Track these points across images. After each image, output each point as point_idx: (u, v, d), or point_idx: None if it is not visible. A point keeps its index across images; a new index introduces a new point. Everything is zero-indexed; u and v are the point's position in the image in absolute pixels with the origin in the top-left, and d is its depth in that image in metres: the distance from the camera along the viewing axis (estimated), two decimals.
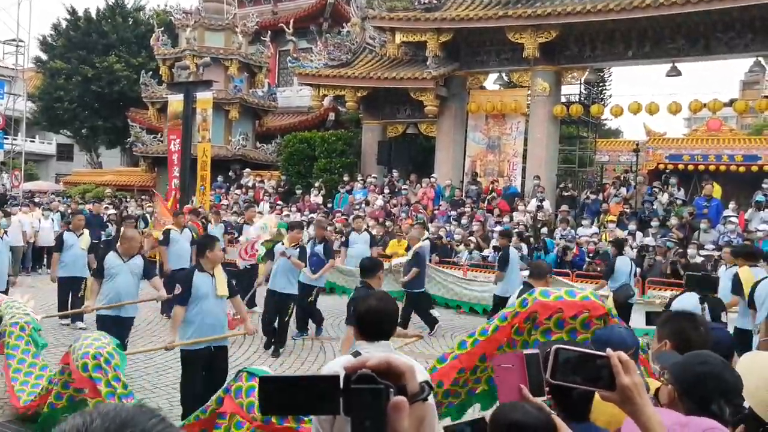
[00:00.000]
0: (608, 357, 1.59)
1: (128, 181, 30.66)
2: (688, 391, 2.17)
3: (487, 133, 20.83)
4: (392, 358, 1.03)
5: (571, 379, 1.62)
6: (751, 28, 16.88)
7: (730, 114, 27.14)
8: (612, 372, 1.58)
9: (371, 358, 1.02)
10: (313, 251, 10.76)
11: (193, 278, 6.45)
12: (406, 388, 1.01)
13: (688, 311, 3.46)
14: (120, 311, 7.92)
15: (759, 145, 24.08)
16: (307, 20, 30.40)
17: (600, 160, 26.08)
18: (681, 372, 2.24)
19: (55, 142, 49.94)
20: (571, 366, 1.60)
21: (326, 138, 23.31)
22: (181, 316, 6.46)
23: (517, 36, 18.62)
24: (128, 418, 0.94)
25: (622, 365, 1.58)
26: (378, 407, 0.97)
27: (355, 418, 0.98)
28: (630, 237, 14.62)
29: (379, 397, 0.98)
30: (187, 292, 6.40)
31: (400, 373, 1.01)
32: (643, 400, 1.60)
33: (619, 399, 1.60)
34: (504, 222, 16.62)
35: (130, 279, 7.92)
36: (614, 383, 1.58)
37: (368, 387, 0.98)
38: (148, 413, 0.97)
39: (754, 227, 14.52)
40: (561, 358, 1.60)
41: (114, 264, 7.88)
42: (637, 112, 18.33)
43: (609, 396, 1.61)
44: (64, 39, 36.70)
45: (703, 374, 2.19)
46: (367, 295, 5.49)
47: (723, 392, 2.15)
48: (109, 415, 0.94)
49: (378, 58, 22.24)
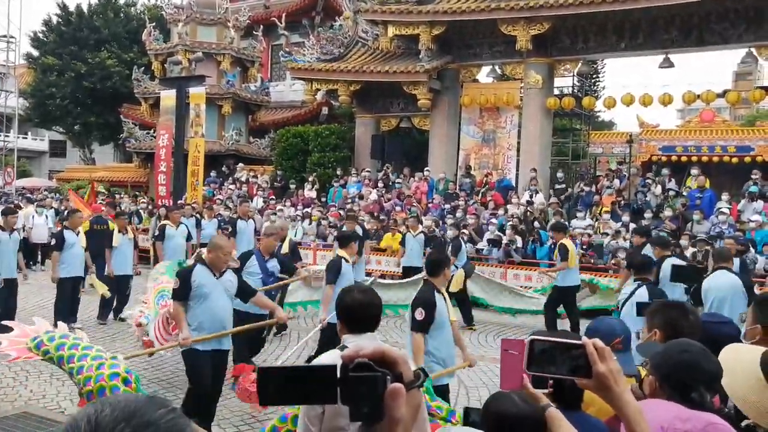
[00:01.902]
0: (584, 345, 1.59)
1: (121, 177, 30.57)
2: (669, 380, 2.18)
3: (481, 126, 20.83)
4: (386, 347, 1.05)
5: (547, 369, 1.61)
6: (744, 18, 16.89)
7: (723, 105, 27.20)
8: (588, 360, 1.58)
9: (366, 347, 1.04)
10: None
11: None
12: (402, 376, 1.02)
13: (678, 301, 3.47)
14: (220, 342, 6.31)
15: (752, 136, 24.14)
16: (299, 14, 30.32)
17: (593, 152, 26.13)
18: (661, 361, 2.25)
19: (47, 139, 49.78)
20: (547, 356, 1.59)
21: (319, 132, 23.27)
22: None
23: (510, 28, 18.59)
24: (137, 409, 0.95)
25: (597, 353, 1.57)
26: (376, 394, 0.99)
27: (353, 405, 0.99)
28: (623, 228, 14.66)
29: (376, 385, 0.99)
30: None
31: (395, 362, 1.03)
32: (620, 387, 1.60)
33: (595, 386, 1.60)
34: (498, 215, 16.64)
35: (224, 300, 6.23)
36: (591, 371, 1.58)
37: (366, 375, 0.99)
38: (158, 404, 0.98)
39: (746, 218, 14.57)
40: (536, 349, 1.59)
41: (205, 281, 6.11)
42: (630, 103, 18.36)
43: (586, 384, 1.61)
44: (56, 35, 36.52)
45: (683, 362, 2.20)
46: (429, 293, 5.40)
47: (703, 379, 2.16)
48: (119, 405, 0.95)
49: (371, 52, 22.19)
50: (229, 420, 6.62)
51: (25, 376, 7.92)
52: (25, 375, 7.97)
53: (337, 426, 2.76)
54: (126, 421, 0.93)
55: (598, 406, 2.70)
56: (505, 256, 14.77)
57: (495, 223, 16.15)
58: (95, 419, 0.93)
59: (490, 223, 16.19)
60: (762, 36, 16.82)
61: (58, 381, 7.77)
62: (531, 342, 1.60)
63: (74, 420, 0.95)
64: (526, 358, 1.59)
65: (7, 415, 6.62)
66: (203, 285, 6.00)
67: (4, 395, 7.23)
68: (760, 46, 17.01)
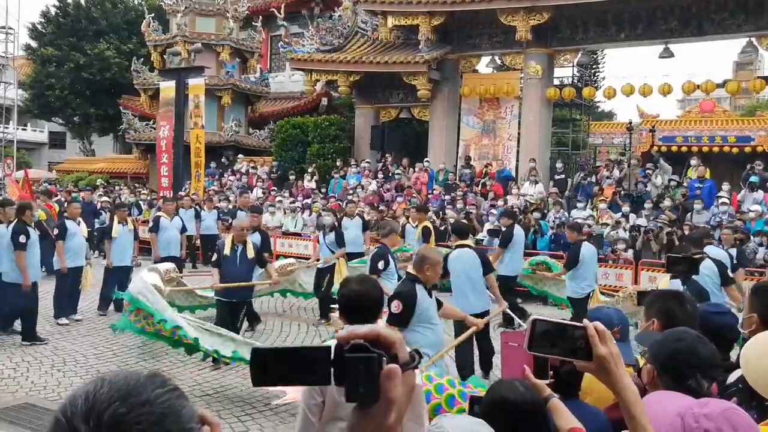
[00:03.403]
0: (585, 327, 1.60)
1: (121, 169, 30.58)
2: (666, 368, 2.20)
3: (481, 117, 20.81)
4: (381, 328, 1.04)
5: (548, 350, 1.63)
6: (744, 8, 16.85)
7: (723, 95, 27.19)
8: (589, 342, 1.59)
9: (361, 327, 1.03)
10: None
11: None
12: (397, 357, 1.02)
13: (675, 290, 3.49)
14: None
15: (752, 126, 24.14)
16: (298, 5, 30.20)
17: (593, 142, 26.13)
18: (658, 350, 2.28)
19: (47, 130, 49.71)
20: (548, 337, 1.61)
21: (319, 123, 23.24)
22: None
23: (510, 18, 18.54)
24: (134, 387, 0.97)
25: (598, 335, 1.59)
26: (372, 375, 0.98)
27: (349, 386, 0.99)
28: (623, 219, 14.66)
29: (372, 365, 0.98)
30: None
31: (390, 343, 1.02)
32: (620, 370, 1.62)
33: (596, 369, 1.61)
34: (498, 205, 16.63)
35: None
36: (591, 354, 1.59)
37: (362, 356, 0.98)
38: (156, 383, 0.99)
39: (746, 208, 14.57)
40: (538, 330, 1.60)
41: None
42: (630, 94, 18.35)
43: (586, 366, 1.62)
44: (54, 26, 36.46)
45: (679, 350, 2.22)
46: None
47: (698, 366, 2.18)
48: (117, 384, 0.97)
49: (370, 43, 22.14)
50: (230, 410, 6.65)
51: (26, 368, 7.94)
52: (27, 366, 7.99)
53: (337, 416, 2.77)
54: (122, 399, 0.95)
55: (596, 395, 2.73)
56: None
57: (495, 213, 16.14)
58: (92, 397, 0.95)
59: (489, 214, 16.18)
60: (762, 26, 16.79)
61: (59, 372, 7.80)
62: (533, 322, 1.62)
63: (73, 397, 0.97)
64: (528, 339, 1.61)
65: (8, 405, 6.64)
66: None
67: (6, 386, 7.25)
68: (761, 36, 16.98)
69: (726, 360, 3.27)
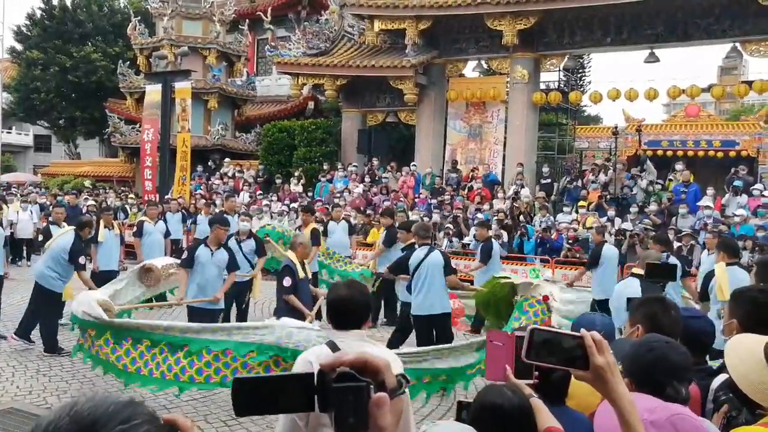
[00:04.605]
0: (582, 337, 1.62)
1: (107, 172, 30.43)
2: (641, 381, 2.22)
3: (468, 121, 20.87)
4: (368, 354, 1.03)
5: (546, 359, 1.64)
6: (728, 13, 17.02)
7: (708, 100, 27.40)
8: (586, 352, 1.61)
9: (347, 354, 1.02)
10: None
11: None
12: (384, 383, 1.01)
13: (660, 296, 3.50)
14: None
15: (737, 131, 24.35)
16: (284, 8, 30.16)
17: (579, 146, 26.25)
18: (631, 363, 2.29)
19: (32, 133, 49.36)
20: (547, 346, 1.62)
21: (306, 127, 23.23)
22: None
23: (496, 23, 18.63)
24: (99, 418, 0.93)
25: (595, 345, 1.61)
26: (361, 404, 0.98)
27: (338, 416, 0.98)
28: (609, 223, 14.74)
29: (361, 395, 0.98)
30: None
31: (377, 369, 1.01)
32: (616, 378, 1.63)
33: (592, 378, 1.63)
34: (484, 210, 16.68)
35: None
36: (588, 363, 1.61)
37: (350, 385, 0.98)
38: (125, 415, 0.95)
39: (731, 212, 14.68)
40: (537, 339, 1.62)
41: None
42: (616, 98, 18.48)
43: (583, 375, 1.64)
44: (39, 29, 36.20)
45: (651, 361, 2.24)
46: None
47: (672, 373, 2.20)
48: (82, 414, 0.93)
49: (357, 46, 22.16)
50: (216, 415, 6.62)
51: (12, 372, 7.87)
52: (12, 371, 7.93)
53: (323, 422, 2.76)
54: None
55: (577, 400, 2.74)
56: None
57: (481, 217, 16.18)
58: (52, 428, 0.92)
59: (475, 218, 16.22)
60: (747, 31, 16.96)
61: (44, 377, 7.74)
62: (531, 332, 1.63)
63: (38, 425, 0.94)
64: (526, 347, 1.62)
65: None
66: None
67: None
68: (745, 41, 17.15)
69: (704, 364, 3.30)
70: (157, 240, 12.00)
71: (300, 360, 3.08)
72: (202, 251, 8.11)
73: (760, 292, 3.15)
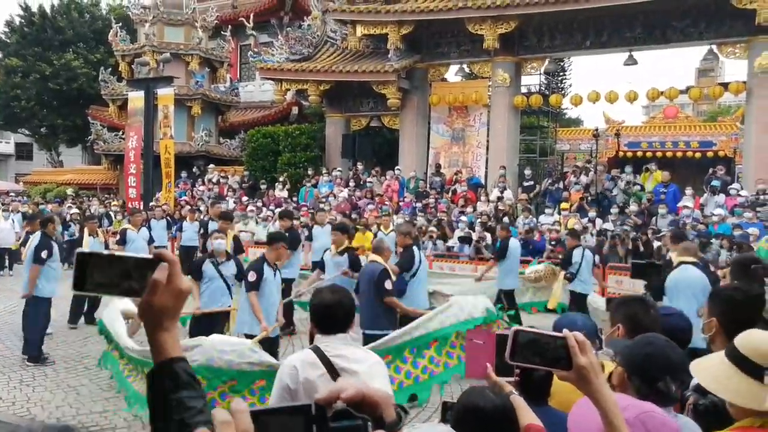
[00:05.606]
0: (566, 338, 1.65)
1: (90, 180, 30.30)
2: (636, 372, 2.28)
3: (450, 125, 21.00)
4: (366, 388, 0.99)
5: (530, 360, 1.66)
6: (705, 16, 17.26)
7: (686, 102, 27.69)
8: (569, 352, 1.64)
9: (344, 389, 0.97)
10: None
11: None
12: (382, 418, 0.98)
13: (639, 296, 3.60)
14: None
15: (714, 132, 24.66)
16: (267, 14, 30.20)
17: (561, 148, 26.45)
18: (629, 354, 2.35)
19: (13, 141, 49.00)
20: (530, 347, 1.65)
21: (290, 132, 23.27)
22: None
23: (477, 27, 18.78)
24: None
25: (578, 346, 1.64)
26: None
27: None
28: (590, 224, 14.90)
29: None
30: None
31: (376, 404, 0.98)
32: (599, 379, 1.66)
33: (576, 378, 1.65)
34: (467, 212, 16.79)
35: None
36: (571, 363, 1.64)
37: (347, 425, 0.94)
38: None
39: (709, 212, 14.89)
40: (521, 340, 1.64)
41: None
42: (596, 100, 18.67)
43: (566, 376, 1.67)
44: (18, 36, 35.96)
45: (649, 354, 2.30)
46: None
47: (668, 370, 2.26)
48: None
49: (340, 52, 22.25)
50: None
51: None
52: None
53: None
54: None
55: (558, 399, 2.80)
56: (476, 253, 14.91)
57: (465, 220, 16.30)
58: None
59: (459, 221, 16.33)
60: (723, 33, 17.20)
61: (28, 387, 7.74)
62: (515, 333, 1.66)
63: None
64: (510, 349, 1.65)
65: None
66: None
67: None
68: (721, 44, 17.40)
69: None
70: (141, 247, 11.96)
71: (285, 367, 3.09)
72: (267, 272, 7.27)
73: (735, 290, 3.24)
